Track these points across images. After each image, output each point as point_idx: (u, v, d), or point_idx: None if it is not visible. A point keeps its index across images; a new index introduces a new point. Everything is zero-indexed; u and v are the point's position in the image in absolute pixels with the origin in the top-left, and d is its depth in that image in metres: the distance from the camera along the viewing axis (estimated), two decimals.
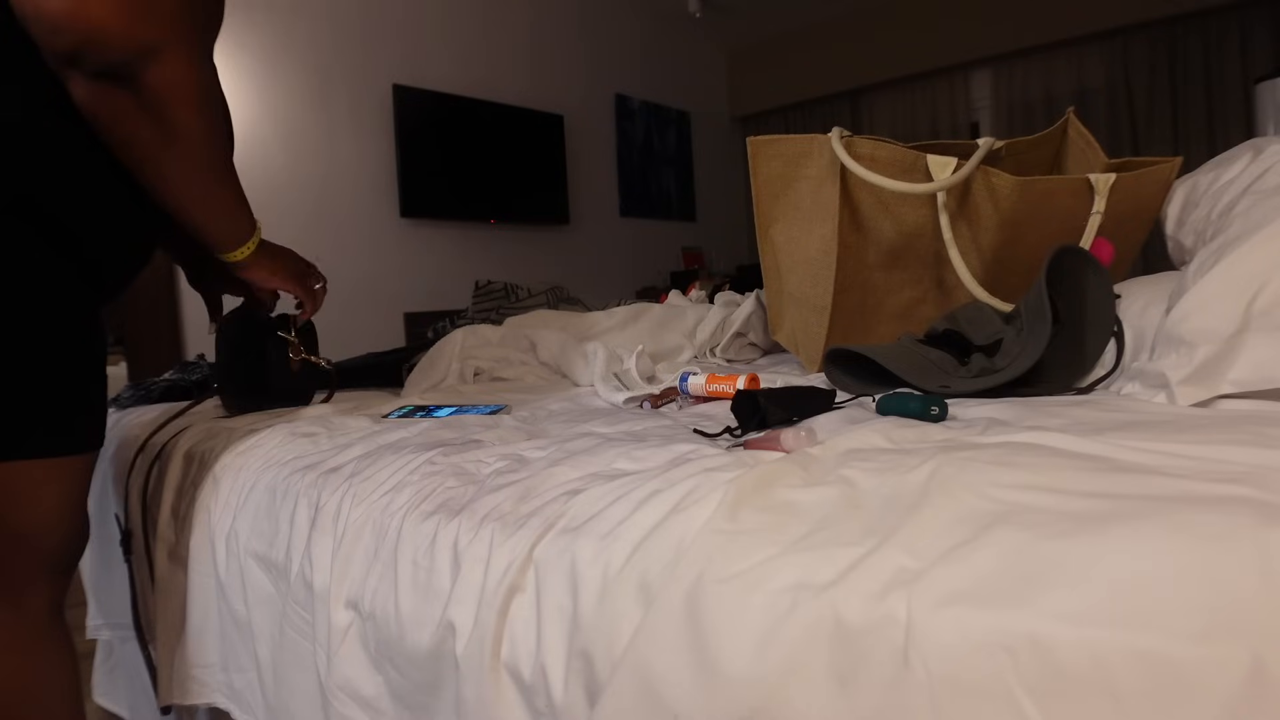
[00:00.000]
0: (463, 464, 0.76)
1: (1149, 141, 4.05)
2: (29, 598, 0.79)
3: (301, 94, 3.11)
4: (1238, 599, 0.35)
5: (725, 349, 1.52)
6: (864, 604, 0.41)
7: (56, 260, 0.72)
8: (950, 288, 1.17)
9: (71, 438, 0.77)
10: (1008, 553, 0.41)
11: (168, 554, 0.99)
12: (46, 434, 0.75)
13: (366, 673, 0.69)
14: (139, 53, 0.64)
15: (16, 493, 0.75)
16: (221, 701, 0.92)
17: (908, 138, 4.74)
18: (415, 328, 3.42)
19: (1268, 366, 0.65)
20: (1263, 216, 0.77)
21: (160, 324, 2.76)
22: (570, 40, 4.28)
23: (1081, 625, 0.36)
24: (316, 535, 0.76)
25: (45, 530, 0.78)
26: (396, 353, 1.60)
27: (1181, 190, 1.16)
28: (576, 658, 0.52)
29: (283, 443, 0.94)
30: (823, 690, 0.41)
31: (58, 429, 0.76)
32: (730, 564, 0.47)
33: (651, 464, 0.66)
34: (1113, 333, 0.89)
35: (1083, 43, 4.17)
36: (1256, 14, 3.73)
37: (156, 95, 0.67)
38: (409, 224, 3.50)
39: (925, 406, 0.74)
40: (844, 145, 1.07)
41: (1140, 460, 0.52)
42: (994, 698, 0.36)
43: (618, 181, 4.59)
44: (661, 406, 1.02)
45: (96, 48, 0.63)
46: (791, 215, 1.23)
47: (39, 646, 0.80)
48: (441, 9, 3.63)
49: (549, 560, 0.57)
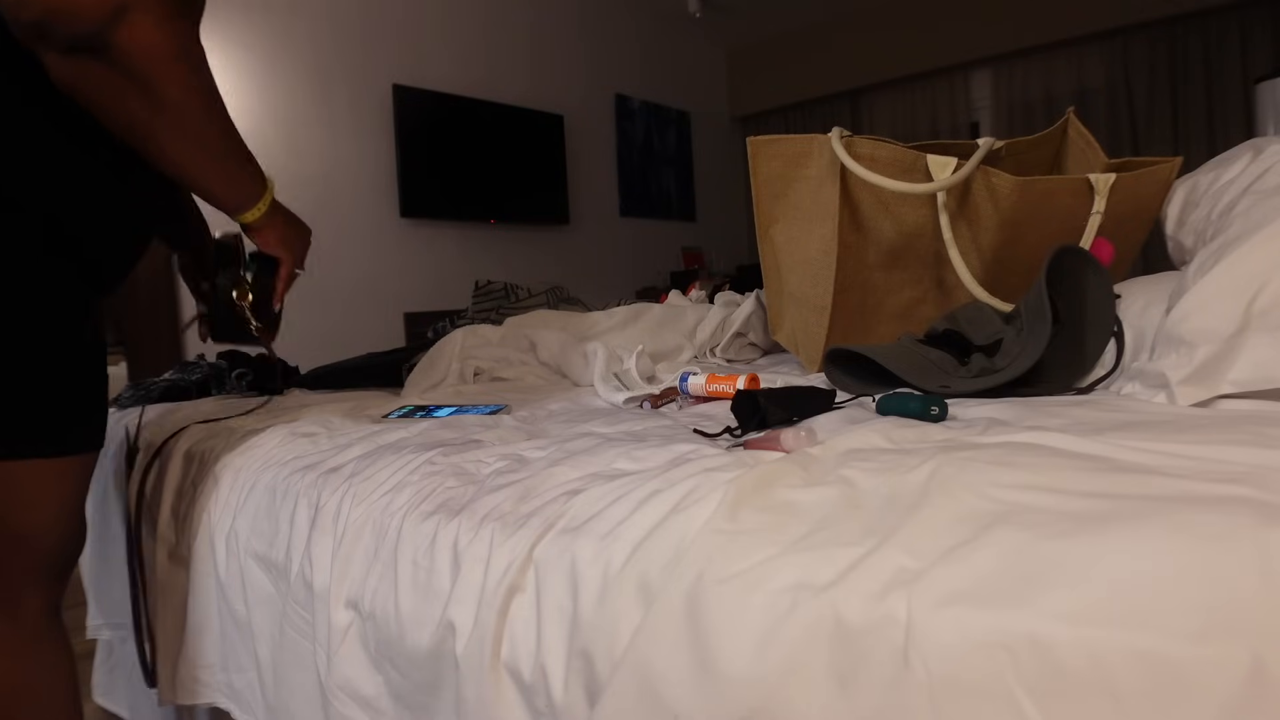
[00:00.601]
0: (463, 464, 0.76)
1: (1149, 141, 4.05)
2: (25, 601, 0.79)
3: (301, 94, 3.11)
4: (1237, 599, 0.35)
5: (725, 349, 1.52)
6: (864, 604, 0.41)
7: (52, 259, 0.72)
8: (950, 288, 1.17)
9: (70, 439, 0.77)
10: (1008, 553, 0.41)
11: (168, 554, 0.99)
12: (45, 434, 0.75)
13: (366, 673, 0.69)
14: (106, 18, 0.62)
15: (15, 494, 0.74)
16: (221, 701, 0.92)
17: (908, 138, 4.74)
18: (415, 328, 3.41)
19: (1268, 366, 0.65)
20: (1263, 216, 0.77)
21: (160, 324, 2.76)
22: (570, 40, 4.28)
23: (1081, 625, 0.36)
24: (316, 535, 0.76)
25: (43, 532, 0.78)
26: (396, 353, 1.61)
27: (1181, 190, 1.16)
28: (576, 658, 0.52)
29: (283, 443, 0.94)
30: (823, 690, 0.41)
31: (57, 429, 0.75)
32: (730, 564, 0.47)
33: (651, 464, 0.67)
34: (1113, 333, 0.89)
35: (1083, 43, 4.17)
36: (1256, 14, 3.73)
37: (132, 60, 0.65)
38: (409, 224, 3.50)
39: (925, 406, 0.74)
40: (844, 145, 1.07)
41: (1140, 460, 0.52)
42: (994, 698, 0.36)
43: (618, 181, 4.59)
44: (661, 406, 1.02)
45: (62, 17, 0.61)
46: (791, 215, 1.23)
47: (35, 650, 0.80)
48: (441, 9, 3.63)
49: (549, 560, 0.57)
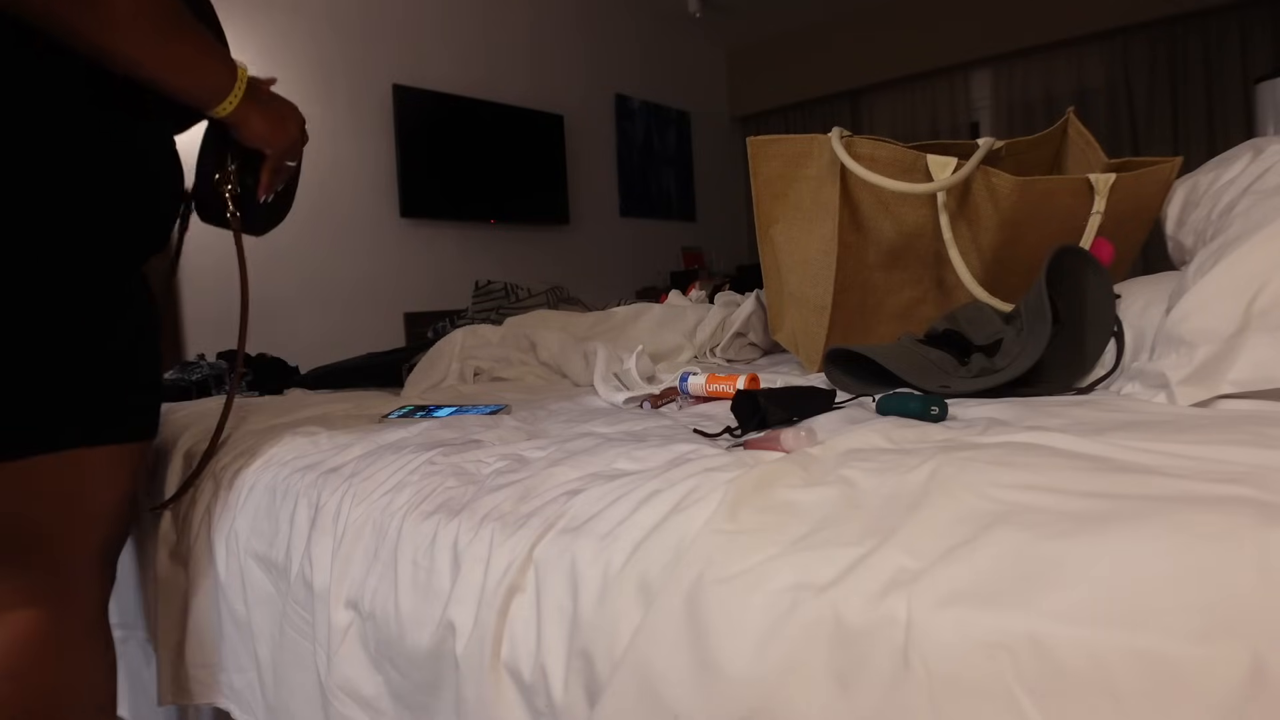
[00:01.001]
0: (463, 464, 0.76)
1: (1149, 141, 4.05)
2: (80, 595, 0.79)
3: (301, 94, 3.11)
4: (1237, 599, 0.35)
5: (725, 349, 1.52)
6: (864, 604, 0.41)
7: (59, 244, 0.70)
8: (950, 288, 1.17)
9: (124, 425, 0.77)
10: (1007, 553, 0.41)
11: (168, 554, 0.99)
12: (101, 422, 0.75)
13: (366, 673, 0.69)
14: None
15: (79, 483, 0.74)
16: (222, 701, 0.92)
17: (908, 138, 4.74)
18: (415, 328, 3.41)
19: (1268, 366, 0.65)
20: (1263, 216, 0.77)
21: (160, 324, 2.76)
22: (570, 40, 4.27)
23: (1081, 625, 0.36)
24: (316, 535, 0.76)
25: (103, 521, 0.78)
26: (396, 353, 1.61)
27: (1181, 190, 1.16)
28: (576, 658, 0.52)
29: (283, 443, 0.94)
30: (823, 690, 0.41)
31: (107, 417, 0.76)
32: (730, 564, 0.47)
33: (651, 464, 0.67)
34: (1113, 333, 0.89)
35: (1083, 43, 4.17)
36: (1256, 14, 3.73)
37: None
38: (409, 224, 3.50)
39: (925, 406, 0.74)
40: (844, 145, 1.07)
41: (1140, 460, 0.52)
42: (994, 698, 0.36)
43: (618, 181, 4.59)
44: (661, 406, 1.02)
45: None
46: (791, 215, 1.23)
47: (81, 648, 0.79)
48: (441, 9, 3.63)
49: (549, 560, 0.57)
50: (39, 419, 0.71)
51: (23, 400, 0.69)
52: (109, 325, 0.75)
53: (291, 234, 3.07)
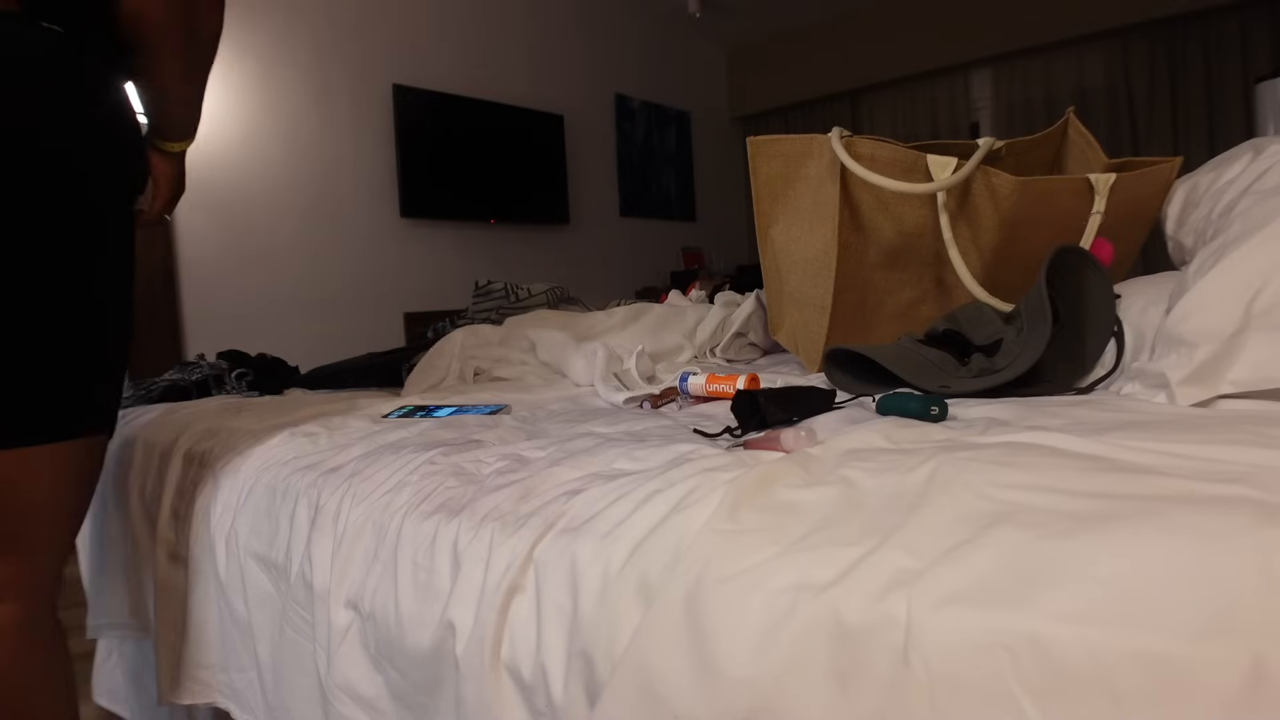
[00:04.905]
0: (463, 464, 0.76)
1: (1149, 141, 4.05)
2: (50, 589, 0.80)
3: (301, 94, 3.11)
4: (1237, 598, 0.35)
5: (725, 349, 1.52)
6: (864, 604, 0.41)
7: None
8: (950, 288, 1.17)
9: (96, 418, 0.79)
10: (1008, 553, 0.41)
11: (168, 554, 0.99)
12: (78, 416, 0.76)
13: (366, 673, 0.69)
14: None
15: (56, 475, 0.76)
16: (222, 701, 0.92)
17: (908, 138, 4.75)
18: (415, 328, 3.42)
19: (1268, 366, 0.65)
20: (1263, 216, 0.77)
21: (160, 324, 2.76)
22: (570, 40, 4.28)
23: (1081, 625, 0.36)
24: (316, 535, 0.76)
25: (75, 516, 0.80)
26: (396, 353, 1.60)
27: (1181, 190, 1.16)
28: (576, 658, 0.52)
29: (283, 443, 0.94)
30: (823, 690, 0.41)
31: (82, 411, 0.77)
32: (730, 564, 0.47)
33: (651, 464, 0.66)
34: (1113, 333, 0.89)
35: (1083, 43, 4.17)
36: (1256, 14, 3.73)
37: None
38: (409, 224, 3.50)
39: (925, 406, 0.74)
40: (844, 145, 1.07)
41: (1140, 460, 0.52)
42: (994, 698, 0.36)
43: (618, 181, 4.59)
44: (661, 406, 1.02)
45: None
46: (792, 215, 1.23)
47: (57, 640, 0.80)
48: (441, 9, 3.63)
49: (549, 560, 0.57)
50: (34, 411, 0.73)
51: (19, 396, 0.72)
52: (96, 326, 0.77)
53: (291, 234, 3.08)
